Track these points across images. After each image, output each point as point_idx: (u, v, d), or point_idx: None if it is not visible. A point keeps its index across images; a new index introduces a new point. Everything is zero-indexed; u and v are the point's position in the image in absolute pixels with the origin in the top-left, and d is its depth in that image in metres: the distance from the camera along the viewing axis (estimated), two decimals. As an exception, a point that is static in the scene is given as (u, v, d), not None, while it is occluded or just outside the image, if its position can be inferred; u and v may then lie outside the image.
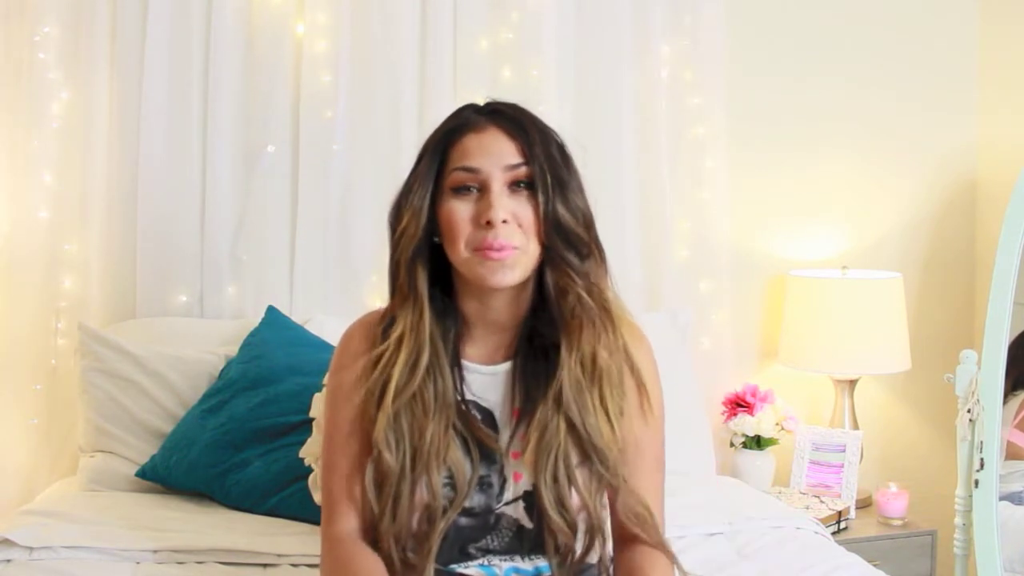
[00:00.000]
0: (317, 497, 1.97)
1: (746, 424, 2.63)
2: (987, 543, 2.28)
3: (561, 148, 1.40)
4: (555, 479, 1.35)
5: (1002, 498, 2.36)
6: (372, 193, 2.51)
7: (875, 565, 1.97)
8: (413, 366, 1.36)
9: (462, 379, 1.41)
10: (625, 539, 1.43)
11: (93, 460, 2.25)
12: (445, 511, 1.35)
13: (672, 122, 2.73)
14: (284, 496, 2.08)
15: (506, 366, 1.42)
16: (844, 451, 2.65)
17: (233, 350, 2.33)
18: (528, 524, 1.40)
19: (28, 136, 2.41)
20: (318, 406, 1.98)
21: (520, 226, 1.34)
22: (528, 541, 1.40)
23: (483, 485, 1.39)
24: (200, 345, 2.37)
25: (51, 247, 2.43)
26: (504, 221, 1.32)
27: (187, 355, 2.32)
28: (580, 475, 1.37)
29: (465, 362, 1.42)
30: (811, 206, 2.92)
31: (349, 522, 1.40)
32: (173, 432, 2.22)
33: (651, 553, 1.40)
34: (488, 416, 1.41)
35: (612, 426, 1.38)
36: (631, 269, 2.69)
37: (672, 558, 1.40)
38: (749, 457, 2.65)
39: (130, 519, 1.98)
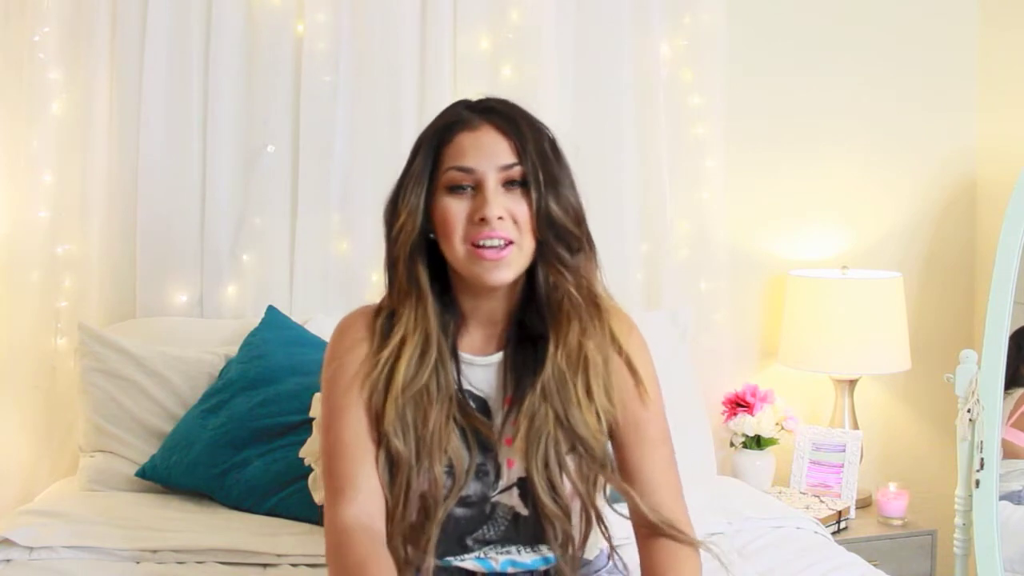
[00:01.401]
0: (317, 497, 1.97)
1: (746, 424, 2.63)
2: (987, 543, 2.28)
3: (553, 144, 1.41)
4: (546, 465, 1.37)
5: (1002, 498, 2.36)
6: (372, 193, 2.51)
7: (875, 565, 1.97)
8: (421, 359, 1.38)
9: (459, 370, 1.42)
10: (646, 531, 1.42)
11: (93, 460, 2.25)
12: (443, 500, 1.36)
13: (672, 122, 2.72)
14: (284, 496, 2.08)
15: (498, 356, 1.44)
16: (844, 451, 2.65)
17: (233, 350, 2.33)
18: (524, 511, 1.41)
19: (28, 136, 2.41)
20: (318, 406, 1.98)
21: (515, 222, 1.36)
22: (525, 530, 1.42)
23: (479, 473, 1.40)
24: (200, 345, 2.37)
25: (51, 247, 2.43)
26: (500, 218, 1.34)
27: (187, 355, 2.32)
28: (571, 462, 1.38)
29: (461, 353, 1.44)
30: (811, 206, 2.92)
31: (358, 506, 1.35)
32: (173, 432, 2.22)
33: (670, 550, 1.39)
34: (483, 405, 1.43)
35: (598, 416, 1.40)
36: (631, 269, 2.69)
37: (684, 540, 1.40)
38: (749, 457, 2.65)
39: (130, 519, 1.99)
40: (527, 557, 1.42)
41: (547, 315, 1.40)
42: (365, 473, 1.37)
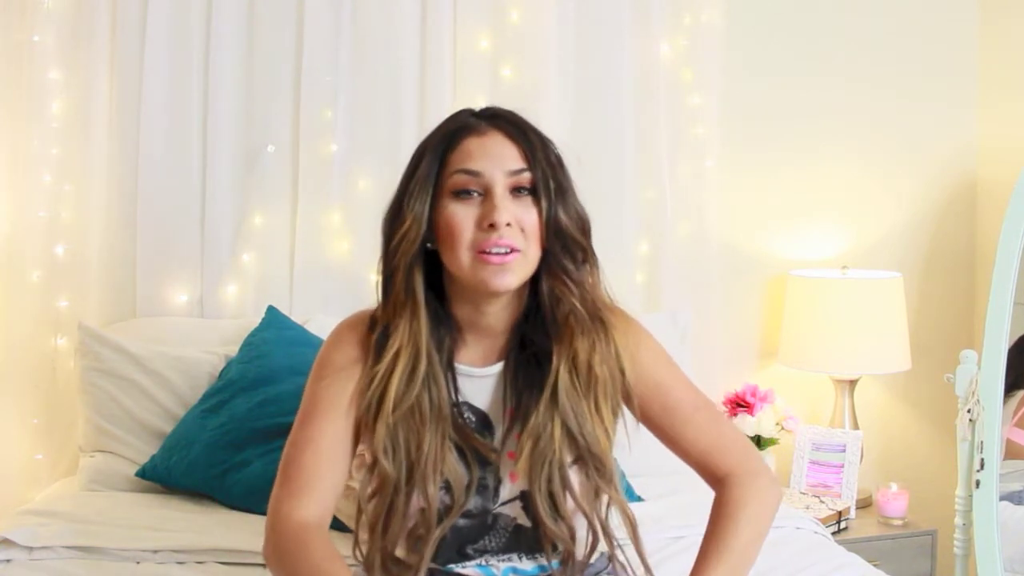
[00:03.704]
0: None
1: (746, 424, 2.63)
2: (987, 543, 2.28)
3: (558, 156, 1.40)
4: (550, 488, 1.35)
5: (1002, 498, 2.36)
6: (372, 193, 2.51)
7: (875, 565, 1.97)
8: (411, 375, 1.35)
9: (455, 384, 1.40)
10: (716, 481, 1.48)
11: (93, 460, 2.25)
12: (441, 518, 1.35)
13: (672, 122, 2.73)
14: (284, 496, 2.07)
15: (498, 367, 1.42)
16: (844, 451, 2.65)
17: (233, 350, 2.33)
18: (526, 523, 1.40)
19: (28, 136, 2.41)
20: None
21: (522, 230, 1.33)
22: (527, 540, 1.41)
23: (479, 488, 1.39)
24: (200, 345, 2.38)
25: (51, 247, 2.43)
26: (508, 224, 1.31)
27: (187, 355, 2.33)
28: (575, 482, 1.37)
29: (458, 365, 1.41)
30: (811, 206, 2.92)
31: (315, 505, 1.36)
32: (173, 432, 2.22)
33: (736, 487, 1.45)
34: (482, 417, 1.41)
35: (608, 433, 1.39)
36: (631, 270, 2.69)
37: (747, 480, 1.45)
38: (749, 457, 2.64)
39: (130, 519, 1.99)
40: (528, 564, 1.42)
41: (551, 329, 1.38)
42: (330, 475, 1.37)
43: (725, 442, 1.48)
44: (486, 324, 1.41)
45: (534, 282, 1.39)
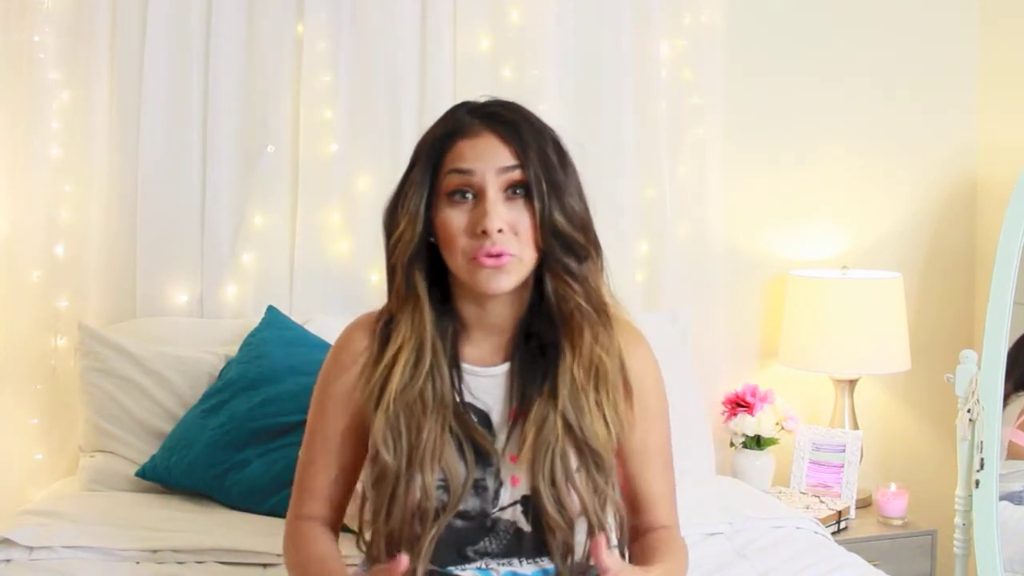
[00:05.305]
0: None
1: (746, 424, 2.63)
2: (987, 543, 2.28)
3: (558, 147, 1.38)
4: (552, 479, 1.35)
5: (1002, 498, 2.36)
6: (372, 193, 2.51)
7: (875, 565, 1.98)
8: (415, 367, 1.36)
9: (460, 381, 1.40)
10: (638, 534, 1.47)
11: (93, 460, 2.25)
12: (438, 514, 1.34)
13: (672, 122, 2.73)
14: (284, 496, 2.05)
15: (504, 367, 1.41)
16: (844, 451, 2.65)
17: (233, 350, 2.33)
18: (526, 528, 1.39)
19: (28, 136, 2.41)
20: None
21: (516, 234, 1.33)
22: (528, 544, 1.40)
23: (477, 489, 1.38)
24: (200, 345, 2.38)
25: (51, 247, 2.43)
26: (500, 231, 1.31)
27: (187, 355, 2.33)
28: (578, 475, 1.37)
29: (464, 364, 1.41)
30: (811, 206, 2.92)
31: (317, 512, 1.47)
32: (173, 432, 2.22)
33: (662, 541, 1.45)
34: (484, 418, 1.41)
35: (608, 429, 1.38)
36: (631, 269, 2.69)
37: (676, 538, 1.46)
38: (749, 457, 2.65)
39: (130, 519, 1.99)
40: (528, 568, 1.41)
41: (559, 325, 1.38)
42: (335, 488, 1.47)
43: (668, 500, 1.49)
44: (490, 321, 1.41)
45: (538, 277, 1.38)
